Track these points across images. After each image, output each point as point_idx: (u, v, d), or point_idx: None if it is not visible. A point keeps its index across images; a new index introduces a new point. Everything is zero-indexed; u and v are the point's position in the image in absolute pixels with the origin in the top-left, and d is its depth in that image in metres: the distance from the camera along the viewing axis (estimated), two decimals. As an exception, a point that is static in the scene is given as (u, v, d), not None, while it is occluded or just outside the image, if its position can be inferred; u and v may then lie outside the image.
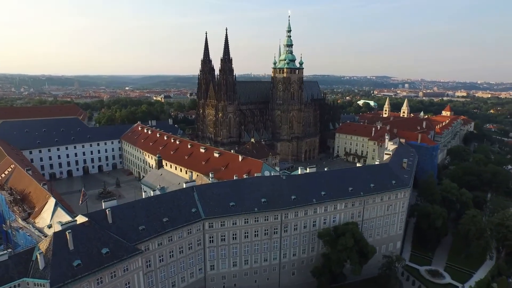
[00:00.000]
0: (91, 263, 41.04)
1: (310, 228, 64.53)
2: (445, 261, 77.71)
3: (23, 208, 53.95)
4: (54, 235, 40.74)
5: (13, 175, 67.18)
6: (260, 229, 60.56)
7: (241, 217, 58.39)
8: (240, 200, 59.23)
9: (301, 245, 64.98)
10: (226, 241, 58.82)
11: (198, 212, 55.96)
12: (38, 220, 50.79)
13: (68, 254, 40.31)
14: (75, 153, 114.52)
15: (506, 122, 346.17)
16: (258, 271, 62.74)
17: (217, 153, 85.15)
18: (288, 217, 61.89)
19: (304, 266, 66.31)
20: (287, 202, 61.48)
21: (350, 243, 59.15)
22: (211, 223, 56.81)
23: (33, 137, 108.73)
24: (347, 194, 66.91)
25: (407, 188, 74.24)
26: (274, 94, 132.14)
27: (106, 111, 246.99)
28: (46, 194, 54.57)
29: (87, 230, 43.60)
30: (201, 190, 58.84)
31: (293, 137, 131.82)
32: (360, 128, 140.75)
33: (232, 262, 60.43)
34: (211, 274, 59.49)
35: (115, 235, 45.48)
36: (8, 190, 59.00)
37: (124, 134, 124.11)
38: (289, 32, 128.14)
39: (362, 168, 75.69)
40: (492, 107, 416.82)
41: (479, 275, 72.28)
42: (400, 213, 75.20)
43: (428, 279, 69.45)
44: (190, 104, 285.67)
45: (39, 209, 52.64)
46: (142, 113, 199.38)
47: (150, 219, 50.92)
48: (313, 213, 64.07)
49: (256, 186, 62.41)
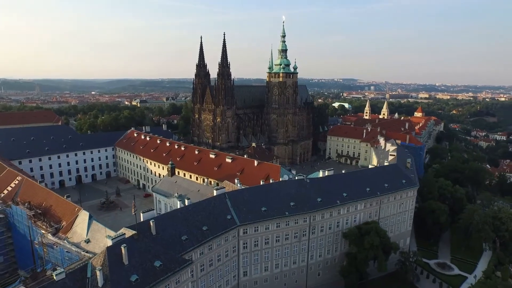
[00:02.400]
0: (147, 277, 39.76)
1: (334, 229, 66.42)
2: (449, 253, 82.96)
3: (49, 223, 50.69)
4: (107, 250, 39.00)
5: (22, 188, 62.78)
6: (291, 233, 61.46)
7: (274, 221, 58.97)
8: (270, 205, 59.76)
9: (326, 246, 66.66)
10: (259, 246, 59.07)
11: (233, 218, 55.79)
12: (71, 235, 48.11)
13: (124, 269, 38.82)
14: (67, 162, 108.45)
15: (467, 121, 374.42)
16: (287, 274, 63.51)
17: (229, 158, 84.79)
18: (315, 219, 63.32)
19: (328, 266, 68.02)
20: (313, 204, 62.88)
21: (376, 241, 61.74)
22: (245, 229, 56.84)
23: (21, 146, 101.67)
24: (366, 195, 69.60)
25: (416, 186, 78.60)
26: (270, 98, 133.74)
27: (83, 117, 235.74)
28: (75, 207, 51.80)
29: (137, 243, 42.12)
30: (233, 196, 58.68)
31: (289, 141, 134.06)
32: (351, 130, 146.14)
33: (264, 267, 60.74)
34: (244, 281, 59.40)
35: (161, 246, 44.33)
36: (26, 205, 55.06)
37: (118, 141, 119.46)
38: (284, 37, 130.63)
39: (375, 169, 78.97)
40: (454, 108, 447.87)
41: (482, 265, 78.10)
42: (409, 211, 79.37)
43: (439, 272, 73.85)
44: (169, 109, 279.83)
45: (69, 223, 49.87)
46: (125, 119, 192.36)
47: (191, 228, 50.13)
48: (337, 214, 66.04)
49: (283, 190, 63.31)
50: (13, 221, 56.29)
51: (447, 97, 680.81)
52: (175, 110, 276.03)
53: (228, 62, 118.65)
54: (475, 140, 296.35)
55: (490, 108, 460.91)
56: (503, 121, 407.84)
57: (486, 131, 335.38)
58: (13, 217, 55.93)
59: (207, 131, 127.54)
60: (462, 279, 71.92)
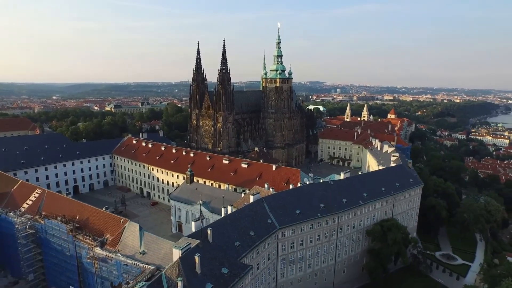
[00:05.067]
0: (219, 285, 40.46)
1: (357, 227, 70.16)
2: (450, 245, 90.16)
3: (92, 236, 49.16)
4: (181, 260, 39.19)
5: (45, 201, 59.88)
6: (322, 233, 64.20)
7: (308, 223, 61.40)
8: (303, 207, 62.12)
9: (350, 244, 70.18)
10: (295, 247, 61.22)
11: (273, 222, 57.42)
12: (121, 248, 47.17)
13: (198, 278, 39.30)
14: (64, 172, 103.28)
15: (431, 122, 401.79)
16: (318, 273, 66.15)
17: (245, 163, 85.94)
18: (342, 219, 66.60)
19: (352, 263, 71.61)
20: (340, 205, 66.14)
21: (398, 236, 66.27)
22: (284, 232, 58.69)
23: (14, 157, 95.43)
24: (382, 194, 74.16)
25: (421, 185, 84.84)
26: (266, 103, 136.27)
27: (57, 124, 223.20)
28: (119, 219, 50.74)
29: (202, 251, 42.51)
30: (270, 201, 60.28)
31: (285, 144, 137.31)
32: (341, 133, 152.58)
33: (298, 268, 62.92)
34: (281, 282, 61.14)
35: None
36: (61, 218, 52.75)
37: (116, 148, 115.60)
38: (279, 43, 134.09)
39: (386, 170, 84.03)
40: (419, 109, 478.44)
41: (479, 253, 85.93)
42: (416, 207, 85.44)
43: (446, 262, 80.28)
44: (148, 114, 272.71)
45: (116, 235, 48.80)
46: (108, 125, 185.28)
47: (240, 234, 51.18)
48: (359, 213, 69.83)
49: (312, 193, 65.96)
50: (45, 236, 53.75)
51: (409, 99, 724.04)
52: (154, 115, 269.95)
53: (228, 67, 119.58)
54: (441, 139, 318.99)
55: (450, 109, 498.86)
56: (461, 121, 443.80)
57: (449, 131, 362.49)
58: (45, 232, 53.42)
59: (206, 137, 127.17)
60: (467, 268, 78.80)
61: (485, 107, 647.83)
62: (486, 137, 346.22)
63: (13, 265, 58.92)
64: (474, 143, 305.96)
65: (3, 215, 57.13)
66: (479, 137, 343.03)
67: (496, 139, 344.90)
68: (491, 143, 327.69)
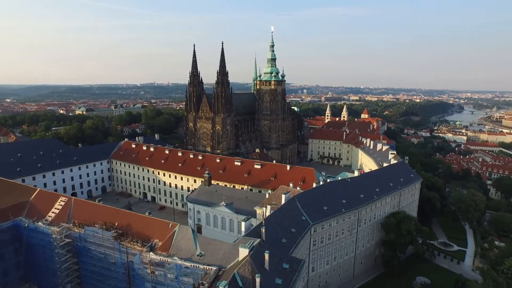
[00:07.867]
0: (286, 280, 42.59)
1: (372, 220, 75.20)
2: (444, 234, 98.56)
3: (140, 243, 48.89)
4: (251, 258, 40.86)
5: (74, 209, 58.03)
6: (345, 227, 68.31)
7: (335, 218, 65.16)
8: (328, 204, 65.82)
9: (367, 236, 75.05)
10: (324, 242, 64.68)
11: (306, 219, 60.37)
12: (175, 251, 47.54)
13: (268, 274, 41.21)
14: (62, 179, 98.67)
15: (398, 121, 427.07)
16: (341, 266, 70.19)
17: (258, 164, 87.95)
18: (361, 213, 71.20)
19: (367, 254, 76.58)
20: (359, 200, 70.74)
21: (411, 227, 72.10)
22: (315, 228, 61.90)
23: (10, 164, 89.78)
24: (391, 189, 79.99)
25: (420, 179, 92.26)
26: (260, 105, 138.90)
27: (30, 129, 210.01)
28: (167, 223, 50.88)
29: (265, 249, 44.31)
30: (300, 199, 63.17)
31: (280, 145, 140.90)
32: (330, 133, 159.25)
33: (326, 261, 66.45)
34: (312, 276, 64.30)
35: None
36: (100, 225, 51.65)
37: (113, 153, 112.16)
38: (273, 47, 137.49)
39: (389, 167, 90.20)
40: (385, 109, 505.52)
41: (470, 239, 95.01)
42: (416, 201, 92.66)
43: (444, 249, 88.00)
44: (126, 117, 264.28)
45: (167, 239, 49.04)
46: (91, 130, 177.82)
47: (285, 232, 53.71)
48: (375, 207, 74.91)
49: (334, 190, 69.95)
50: (83, 245, 52.34)
51: (374, 99, 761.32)
52: (132, 118, 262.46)
53: (226, 70, 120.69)
54: (408, 137, 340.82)
55: (413, 108, 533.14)
56: (424, 119, 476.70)
57: (414, 129, 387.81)
58: (84, 241, 52.06)
59: (204, 139, 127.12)
60: (463, 253, 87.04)
61: (442, 107, 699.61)
62: (447, 134, 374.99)
63: (41, 277, 56.52)
64: (438, 140, 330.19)
65: (32, 225, 54.62)
66: (441, 135, 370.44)
67: (455, 136, 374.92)
68: (452, 140, 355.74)
